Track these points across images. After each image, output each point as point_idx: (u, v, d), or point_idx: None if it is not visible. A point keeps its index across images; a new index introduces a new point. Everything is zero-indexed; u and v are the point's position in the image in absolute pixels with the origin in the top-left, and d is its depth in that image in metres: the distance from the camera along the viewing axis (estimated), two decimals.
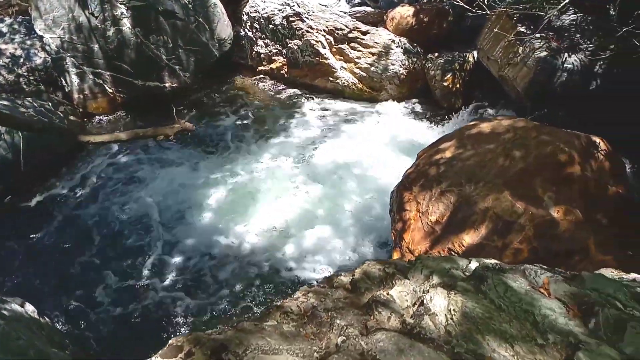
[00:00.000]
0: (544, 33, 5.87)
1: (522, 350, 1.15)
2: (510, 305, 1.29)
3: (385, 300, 1.41)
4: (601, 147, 4.20)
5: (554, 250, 3.49)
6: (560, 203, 3.68)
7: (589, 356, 1.08)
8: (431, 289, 1.42)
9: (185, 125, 4.65)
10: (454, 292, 1.37)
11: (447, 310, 1.28)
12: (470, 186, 3.94)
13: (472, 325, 1.23)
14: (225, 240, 5.29)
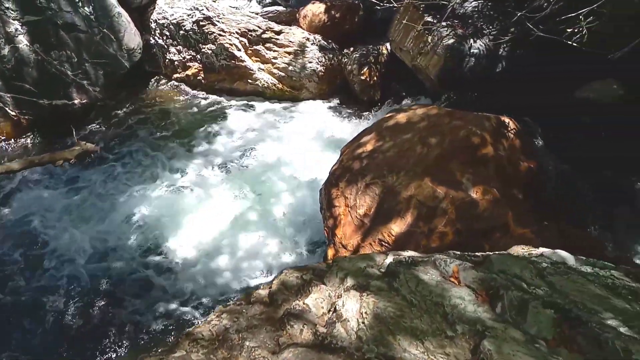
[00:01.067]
0: (449, 21, 6.10)
1: (432, 345, 1.17)
2: (421, 299, 1.31)
3: (300, 310, 1.39)
4: (510, 127, 4.43)
5: (476, 229, 3.63)
6: (477, 184, 3.83)
7: (494, 343, 1.11)
8: (344, 293, 1.41)
9: (87, 146, 4.38)
10: (366, 294, 1.36)
11: (359, 314, 1.27)
12: (392, 177, 4.01)
13: (383, 327, 1.23)
14: (155, 260, 5.07)
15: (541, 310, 1.16)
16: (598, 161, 4.77)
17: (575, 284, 1.33)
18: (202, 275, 4.88)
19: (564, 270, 1.46)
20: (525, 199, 4.19)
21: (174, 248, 5.18)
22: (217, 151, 6.55)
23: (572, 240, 4.03)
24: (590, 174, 4.71)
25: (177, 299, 4.65)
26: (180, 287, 4.78)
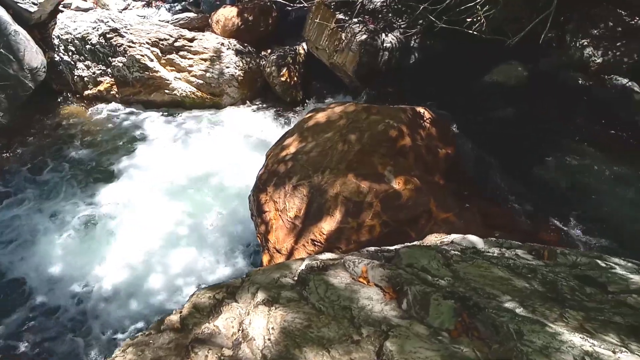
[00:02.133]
0: (360, 17, 6.22)
1: (338, 353, 1.17)
2: (330, 305, 1.31)
3: (208, 334, 1.34)
4: (426, 116, 4.58)
5: (402, 219, 3.72)
6: (399, 174, 3.92)
7: (397, 342, 1.13)
8: (253, 309, 1.38)
9: None
10: (275, 307, 1.34)
11: (265, 331, 1.25)
12: (318, 176, 4.03)
13: (289, 341, 1.21)
14: (79, 288, 4.79)
15: (442, 302, 1.19)
16: (510, 139, 5.05)
17: (480, 269, 1.39)
18: (131, 301, 4.67)
19: (470, 256, 1.52)
20: (446, 183, 4.36)
21: (100, 275, 4.92)
22: (138, 167, 6.29)
23: (492, 218, 4.24)
24: (504, 153, 4.97)
25: (101, 331, 4.42)
26: (105, 318, 4.55)
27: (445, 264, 1.42)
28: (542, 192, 4.57)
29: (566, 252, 1.55)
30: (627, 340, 1.03)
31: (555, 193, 4.55)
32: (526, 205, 4.37)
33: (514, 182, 4.64)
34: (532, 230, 4.16)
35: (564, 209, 4.38)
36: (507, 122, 5.27)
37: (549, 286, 1.29)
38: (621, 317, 1.14)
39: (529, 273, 1.38)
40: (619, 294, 1.28)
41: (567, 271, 1.42)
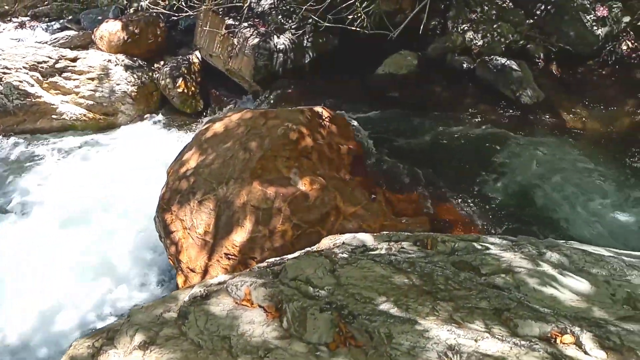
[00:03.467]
0: (250, 21, 6.16)
1: None
2: (209, 338, 1.27)
3: None
4: (324, 115, 4.63)
5: (311, 219, 3.74)
6: (304, 176, 3.94)
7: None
8: (128, 355, 1.31)
9: None
10: (150, 350, 1.28)
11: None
12: (223, 188, 3.94)
13: None
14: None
15: (318, 316, 1.19)
16: (406, 126, 5.25)
17: (362, 270, 1.41)
18: (41, 346, 4.30)
19: (356, 258, 1.54)
20: (352, 178, 4.43)
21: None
22: (30, 201, 5.80)
23: (399, 206, 4.38)
24: (402, 140, 5.16)
25: None
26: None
27: (331, 270, 1.42)
28: (441, 173, 4.79)
29: (445, 239, 1.62)
30: (491, 324, 1.09)
31: (453, 173, 4.79)
32: (428, 189, 4.57)
33: (415, 168, 4.83)
34: (435, 212, 4.35)
35: (463, 187, 4.62)
36: (402, 110, 5.48)
37: (426, 278, 1.34)
38: (487, 302, 1.21)
39: (408, 267, 1.43)
40: (490, 275, 1.36)
41: (445, 259, 1.48)
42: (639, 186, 4.45)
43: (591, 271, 1.41)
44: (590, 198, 4.29)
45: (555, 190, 4.39)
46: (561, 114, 5.36)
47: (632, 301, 1.21)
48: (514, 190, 4.48)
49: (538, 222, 4.06)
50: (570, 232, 3.87)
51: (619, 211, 4.14)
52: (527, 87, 5.41)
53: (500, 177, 4.68)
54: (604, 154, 4.84)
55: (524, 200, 4.35)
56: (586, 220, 4.03)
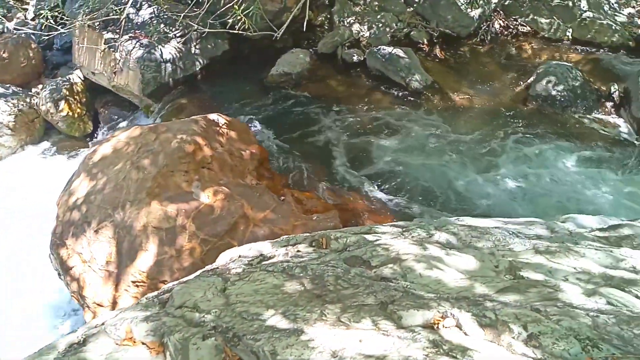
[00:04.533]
0: (131, 33, 5.84)
1: None
2: None
3: None
4: (221, 122, 4.50)
5: (219, 232, 3.61)
6: (206, 187, 3.79)
7: None
8: None
9: None
10: None
11: None
12: (119, 213, 3.69)
13: None
14: None
15: (201, 344, 1.12)
16: (307, 123, 5.27)
17: (254, 284, 1.35)
18: None
19: (249, 271, 1.48)
20: (259, 182, 4.36)
21: None
22: None
23: (309, 204, 4.37)
24: (304, 137, 5.16)
25: None
26: None
27: (222, 289, 1.35)
28: (346, 164, 4.86)
29: (338, 236, 1.60)
30: (378, 320, 1.08)
31: (358, 162, 4.87)
32: (336, 182, 4.61)
33: (321, 163, 4.85)
34: (345, 203, 4.40)
35: (368, 174, 4.72)
36: (301, 107, 5.49)
37: (317, 281, 1.31)
38: (374, 297, 1.20)
39: (301, 272, 1.39)
40: (380, 267, 1.36)
41: (337, 257, 1.46)
42: (525, 153, 4.80)
43: (477, 245, 1.46)
44: (484, 170, 4.56)
45: (452, 167, 4.61)
46: (449, 94, 5.65)
47: (513, 270, 1.26)
48: (414, 171, 4.64)
49: (439, 199, 4.25)
50: (467, 205, 4.09)
51: (510, 178, 4.44)
52: (416, 73, 5.63)
53: (401, 160, 4.83)
54: (492, 127, 5.17)
55: (425, 180, 4.53)
56: (481, 192, 4.27)
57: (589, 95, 5.46)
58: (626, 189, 4.26)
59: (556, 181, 4.34)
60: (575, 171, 4.46)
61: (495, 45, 6.44)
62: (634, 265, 1.26)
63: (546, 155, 4.68)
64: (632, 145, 4.91)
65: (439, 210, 4.05)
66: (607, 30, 6.35)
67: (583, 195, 4.11)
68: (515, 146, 4.84)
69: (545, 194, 4.17)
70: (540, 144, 4.85)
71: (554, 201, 4.06)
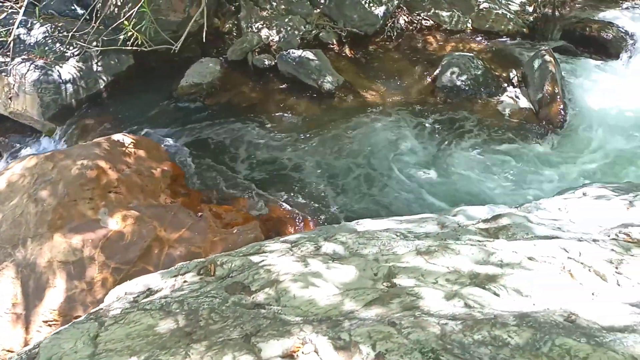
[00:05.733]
0: (24, 55, 5.47)
1: None
2: None
3: None
4: (127, 142, 4.31)
5: (132, 258, 3.46)
6: (114, 213, 3.63)
7: None
8: None
9: None
10: None
11: None
12: (20, 251, 3.45)
13: None
14: None
15: None
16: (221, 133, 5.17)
17: (128, 327, 1.27)
18: None
19: (126, 312, 1.38)
20: (174, 200, 4.22)
21: None
22: None
23: (228, 217, 4.28)
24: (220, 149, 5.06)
25: None
26: None
27: (94, 336, 1.26)
28: (266, 172, 4.81)
29: (225, 261, 1.55)
30: (240, 355, 1.05)
31: (278, 169, 4.84)
32: (257, 191, 4.55)
33: (240, 173, 4.78)
34: (267, 212, 4.36)
35: (290, 180, 4.70)
36: (215, 118, 5.38)
37: (192, 316, 1.26)
38: (241, 328, 1.16)
39: (178, 307, 1.33)
40: (258, 291, 1.33)
41: (219, 285, 1.41)
42: (435, 144, 4.97)
43: (363, 252, 1.47)
44: (398, 166, 4.68)
45: (368, 166, 4.69)
46: (361, 92, 5.74)
47: (390, 277, 1.28)
48: (332, 173, 4.68)
49: (356, 199, 4.31)
50: (381, 203, 4.18)
51: (422, 172, 4.58)
52: (327, 74, 5.68)
53: (319, 163, 4.86)
54: (404, 122, 5.31)
55: (343, 181, 4.58)
56: (395, 189, 4.38)
57: (490, 82, 5.75)
58: (526, 170, 4.53)
59: (464, 170, 4.54)
60: (480, 159, 4.68)
61: (402, 40, 6.62)
62: (502, 258, 1.31)
63: (454, 145, 4.88)
64: (533, 127, 5.22)
65: (356, 209, 4.11)
66: (503, 19, 6.72)
67: (486, 183, 4.33)
68: (427, 139, 5.01)
69: (453, 184, 4.34)
70: (449, 134, 5.05)
71: (460, 191, 4.24)
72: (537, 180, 4.44)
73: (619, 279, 1.18)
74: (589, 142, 4.92)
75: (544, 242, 1.39)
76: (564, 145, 4.90)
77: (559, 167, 4.63)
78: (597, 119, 5.24)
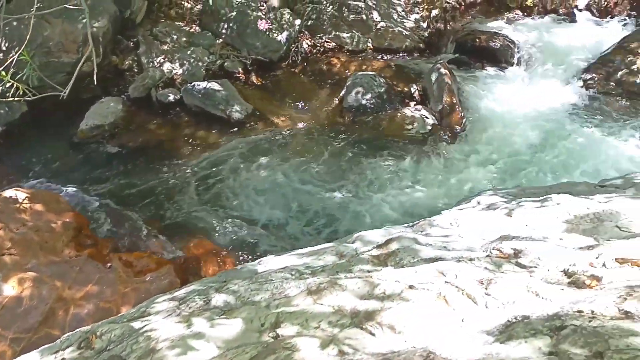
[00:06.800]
0: None
1: None
2: None
3: None
4: (21, 197, 4.01)
5: (33, 324, 3.20)
6: (10, 277, 3.35)
7: None
8: None
9: None
10: None
11: None
12: None
13: None
14: None
15: None
16: (132, 175, 4.95)
17: None
18: None
19: None
20: (79, 254, 3.95)
21: None
22: None
23: (141, 264, 4.07)
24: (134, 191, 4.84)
25: None
26: None
27: None
28: (181, 210, 4.66)
29: (104, 331, 1.44)
30: None
31: (193, 206, 4.70)
32: (170, 230, 4.39)
33: (151, 215, 4.59)
34: (184, 253, 4.21)
35: (205, 216, 4.57)
36: (123, 160, 5.16)
37: None
38: None
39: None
40: None
41: None
42: (347, 164, 5.05)
43: (255, 299, 1.43)
44: (315, 190, 4.69)
45: (285, 194, 4.68)
46: (271, 119, 5.75)
47: (276, 325, 1.25)
48: (251, 205, 4.62)
49: (277, 230, 4.28)
50: (299, 231, 4.18)
51: (337, 193, 4.64)
52: (235, 103, 5.64)
53: (236, 196, 4.78)
54: (315, 145, 5.37)
55: (262, 212, 4.53)
56: (314, 213, 4.39)
57: (394, 98, 5.97)
58: (434, 180, 4.72)
59: (376, 187, 4.65)
60: (390, 174, 4.82)
61: (307, 64, 6.73)
62: (385, 289, 1.32)
63: (366, 163, 5.00)
64: (437, 137, 5.46)
65: (273, 241, 4.08)
66: (400, 36, 7.04)
67: (398, 198, 4.46)
68: (338, 160, 5.09)
69: (364, 203, 4.43)
70: (359, 152, 5.16)
71: (372, 209, 4.33)
72: (445, 188, 4.64)
73: (487, 301, 1.23)
74: (489, 146, 5.23)
75: (424, 268, 1.42)
76: (467, 151, 5.17)
77: (464, 172, 4.87)
78: (494, 123, 5.58)
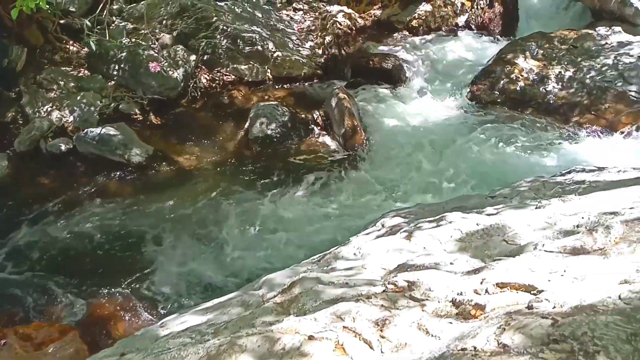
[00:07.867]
0: None
1: None
2: None
3: None
4: None
5: None
6: None
7: None
8: None
9: None
10: None
11: None
12: None
13: None
14: None
15: None
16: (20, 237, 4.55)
17: None
18: None
19: None
20: None
21: None
22: None
23: (41, 335, 3.73)
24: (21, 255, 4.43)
25: None
26: None
27: None
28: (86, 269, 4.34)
29: None
30: None
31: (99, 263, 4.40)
32: (70, 294, 4.06)
33: (50, 279, 4.22)
34: (89, 316, 3.91)
35: (115, 273, 4.28)
36: (6, 220, 4.72)
37: None
38: None
39: None
40: None
41: None
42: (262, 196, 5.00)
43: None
44: (228, 229, 4.57)
45: (196, 237, 4.52)
46: (175, 159, 5.57)
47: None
48: (159, 254, 4.41)
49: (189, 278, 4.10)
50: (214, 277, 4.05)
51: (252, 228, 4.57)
52: (133, 147, 5.39)
53: (145, 244, 4.54)
54: (223, 181, 5.27)
55: (172, 260, 4.34)
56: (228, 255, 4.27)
57: (298, 125, 6.04)
58: (344, 203, 4.81)
59: (289, 218, 4.64)
60: (302, 202, 4.84)
61: (208, 99, 6.63)
62: (285, 344, 1.28)
63: (277, 194, 4.98)
64: (343, 159, 5.58)
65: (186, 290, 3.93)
66: (297, 64, 7.15)
67: (309, 226, 4.48)
68: (249, 193, 5.03)
69: (279, 235, 4.41)
70: (270, 183, 5.15)
71: (279, 246, 4.30)
72: (354, 210, 4.73)
73: (383, 345, 1.23)
74: (391, 164, 5.43)
75: (324, 313, 1.41)
76: (371, 172, 5.33)
77: (371, 193, 5.01)
78: (394, 141, 5.82)
